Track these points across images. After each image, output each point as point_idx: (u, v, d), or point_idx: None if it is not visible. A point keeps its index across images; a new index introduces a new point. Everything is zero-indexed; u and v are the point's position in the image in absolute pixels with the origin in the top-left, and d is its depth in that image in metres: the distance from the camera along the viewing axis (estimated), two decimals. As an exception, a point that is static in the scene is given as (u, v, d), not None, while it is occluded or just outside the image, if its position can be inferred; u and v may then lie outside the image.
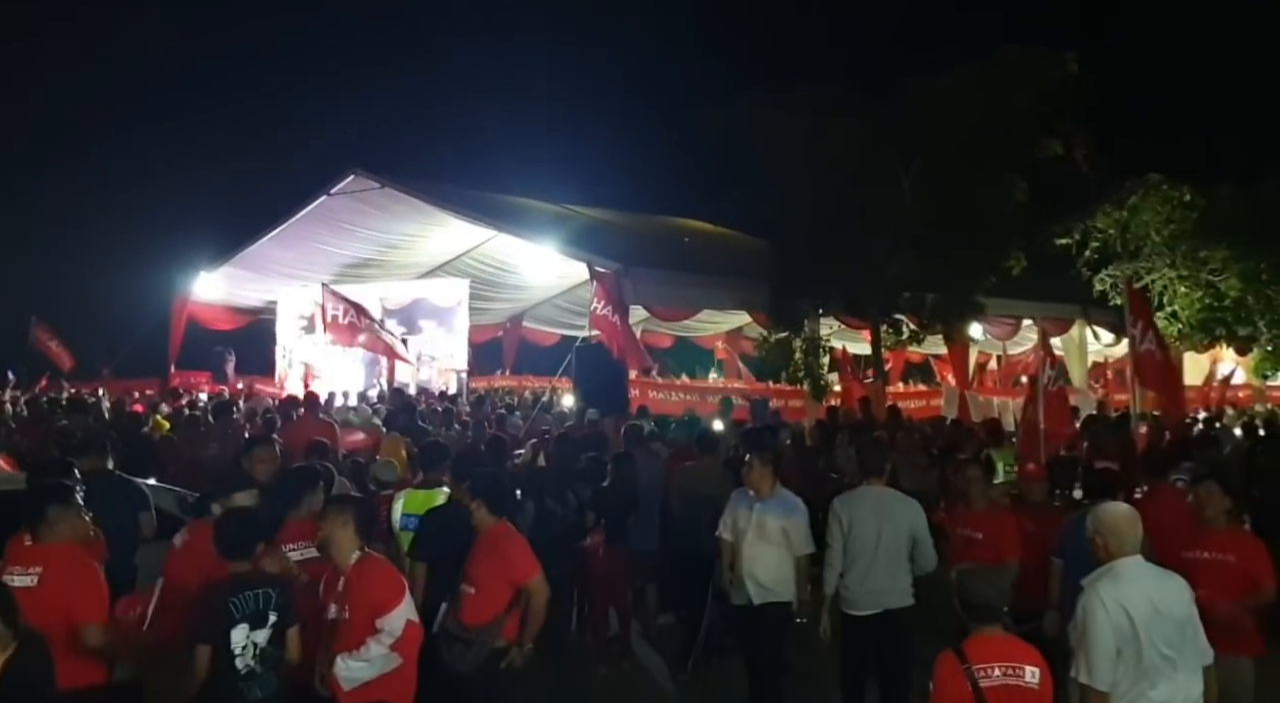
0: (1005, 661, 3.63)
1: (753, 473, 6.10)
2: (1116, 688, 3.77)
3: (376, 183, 16.18)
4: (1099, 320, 19.14)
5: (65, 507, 4.27)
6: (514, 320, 23.16)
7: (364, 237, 18.15)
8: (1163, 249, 17.27)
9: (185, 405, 13.87)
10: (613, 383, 12.94)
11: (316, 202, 16.89)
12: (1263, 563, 5.13)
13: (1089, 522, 4.11)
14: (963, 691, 3.56)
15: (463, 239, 18.58)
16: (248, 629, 4.02)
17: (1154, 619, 3.80)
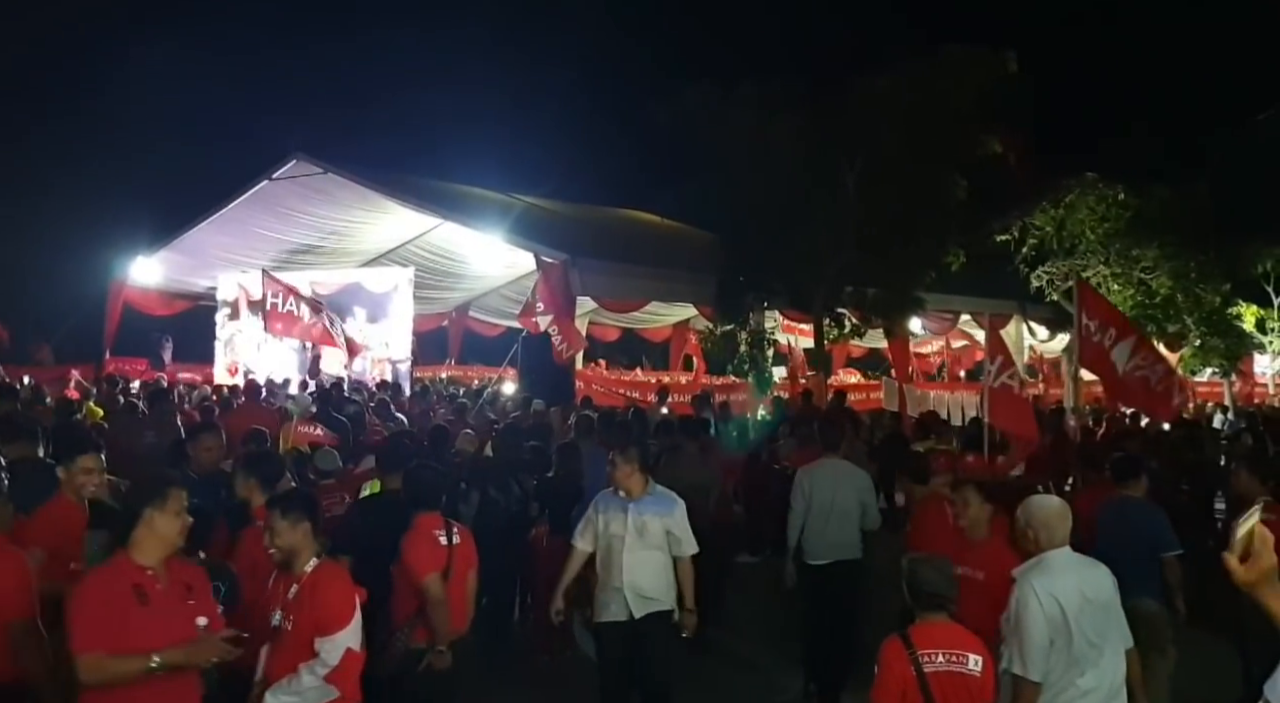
0: (949, 648, 3.71)
1: (619, 472, 5.51)
2: (1048, 678, 3.89)
3: (319, 168, 15.89)
4: (1035, 316, 19.63)
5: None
6: (460, 310, 22.93)
7: (306, 223, 17.83)
8: (1097, 247, 17.80)
9: (119, 392, 13.54)
10: (557, 373, 13.00)
11: (258, 186, 16.56)
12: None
13: (1019, 513, 4.23)
14: (906, 674, 3.64)
15: (408, 227, 18.34)
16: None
17: (1083, 608, 3.93)
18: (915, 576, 3.88)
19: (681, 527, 5.51)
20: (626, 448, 5.68)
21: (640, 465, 5.56)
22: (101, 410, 11.06)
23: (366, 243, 19.23)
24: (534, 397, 12.05)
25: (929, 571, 3.90)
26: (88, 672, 3.25)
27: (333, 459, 6.68)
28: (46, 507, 4.68)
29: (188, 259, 18.38)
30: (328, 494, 6.25)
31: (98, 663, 3.26)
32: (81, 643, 3.26)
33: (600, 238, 17.13)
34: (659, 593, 5.44)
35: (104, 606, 3.32)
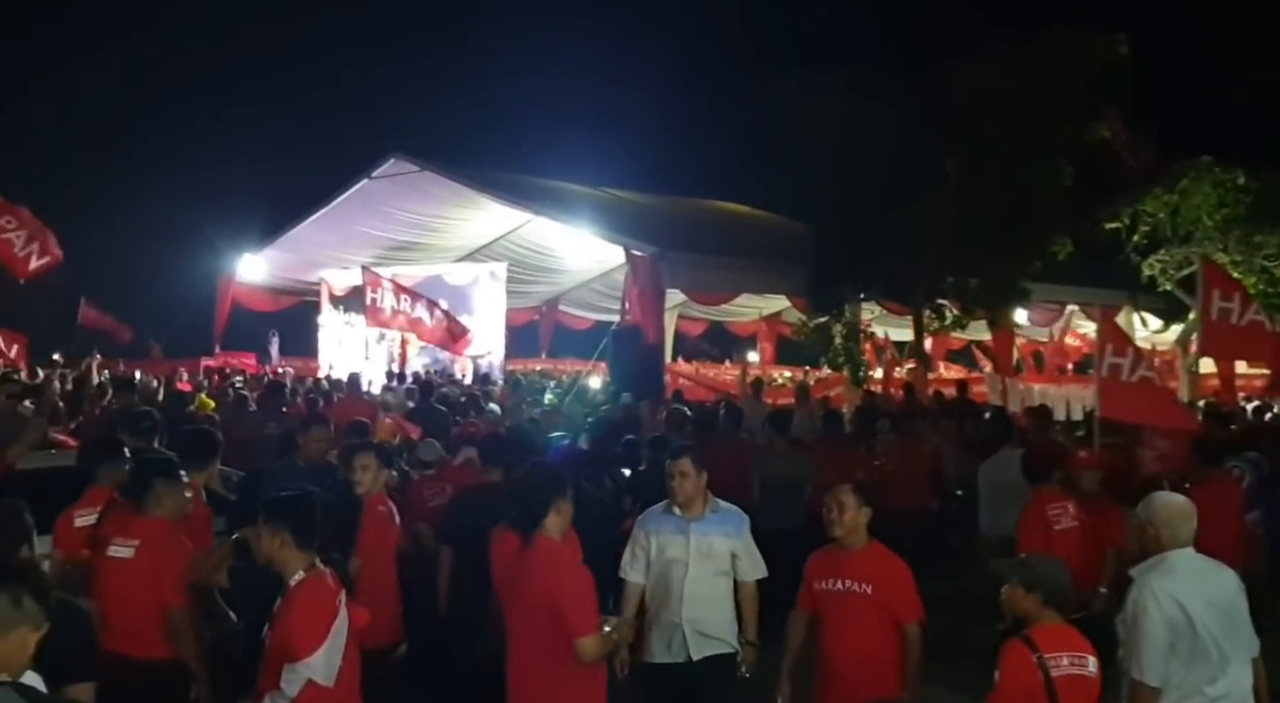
0: (1072, 650, 3.56)
1: (687, 482, 4.61)
2: (1169, 683, 3.69)
3: (416, 166, 16.28)
4: (1147, 306, 18.79)
5: (171, 482, 4.39)
6: (550, 304, 23.23)
7: (404, 220, 18.28)
8: (1215, 234, 16.89)
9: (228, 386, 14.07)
10: (648, 367, 12.97)
11: (358, 185, 17.04)
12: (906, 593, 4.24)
13: (1140, 510, 4.03)
14: (1033, 679, 3.47)
15: (501, 222, 18.65)
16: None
17: (1208, 611, 3.71)
18: (1043, 574, 3.70)
19: (749, 548, 4.74)
20: (688, 451, 4.88)
21: (705, 472, 4.77)
22: (213, 403, 11.50)
23: (461, 238, 19.61)
24: (623, 390, 12.06)
25: (1055, 569, 3.74)
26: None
27: (435, 450, 6.79)
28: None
29: (292, 256, 19.05)
30: (429, 485, 6.37)
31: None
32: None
33: (690, 230, 17.07)
34: (723, 630, 4.63)
35: None
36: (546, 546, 3.87)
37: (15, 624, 2.22)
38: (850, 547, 4.28)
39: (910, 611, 4.19)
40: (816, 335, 15.44)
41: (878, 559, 4.25)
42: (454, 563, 5.40)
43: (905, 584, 4.21)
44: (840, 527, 4.26)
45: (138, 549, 4.21)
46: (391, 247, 19.24)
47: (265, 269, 19.16)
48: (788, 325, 20.59)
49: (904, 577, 4.22)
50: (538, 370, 20.47)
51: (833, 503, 4.29)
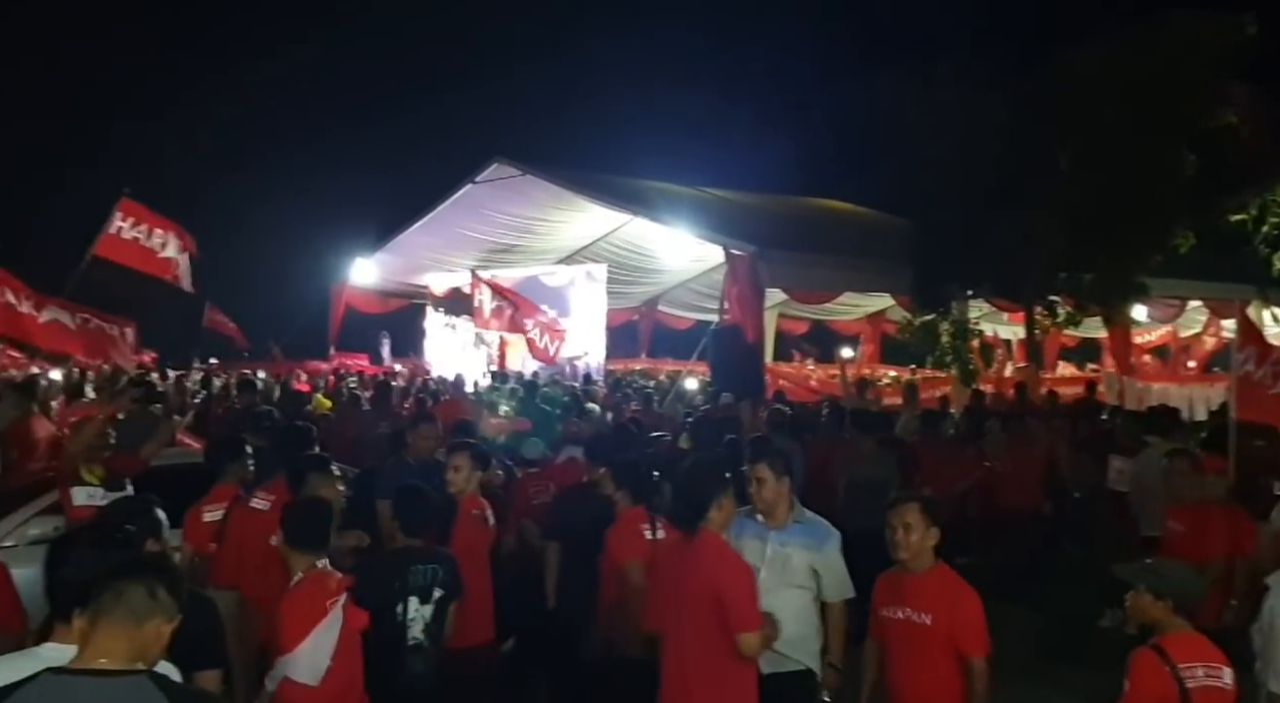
0: (1207, 661, 3.39)
1: (765, 489, 4.42)
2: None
3: (518, 170, 16.55)
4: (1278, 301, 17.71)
5: (325, 477, 4.62)
6: (649, 304, 23.32)
7: (505, 223, 18.62)
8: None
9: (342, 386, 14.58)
10: (748, 367, 12.88)
11: (462, 190, 17.43)
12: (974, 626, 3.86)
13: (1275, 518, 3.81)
14: (1168, 692, 3.32)
15: (600, 224, 18.80)
16: (418, 602, 4.11)
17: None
18: (1173, 580, 3.54)
19: (833, 566, 4.45)
20: (774, 458, 4.60)
21: (790, 478, 4.54)
22: (329, 403, 11.93)
23: (561, 240, 19.85)
24: (723, 390, 12.01)
25: (1186, 574, 3.58)
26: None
27: (539, 448, 6.89)
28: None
29: (400, 260, 19.65)
30: (534, 482, 6.46)
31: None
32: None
33: (790, 228, 16.89)
34: (798, 647, 4.35)
35: None
36: (710, 540, 3.82)
37: (151, 615, 2.32)
38: (914, 571, 3.92)
39: (974, 643, 3.79)
40: (922, 334, 15.08)
41: (942, 586, 3.88)
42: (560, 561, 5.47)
43: (970, 614, 3.82)
44: (905, 549, 3.90)
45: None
46: (493, 249, 19.62)
47: (376, 273, 19.80)
48: (892, 324, 20.18)
49: (969, 606, 3.83)
50: (637, 370, 20.58)
51: (897, 523, 3.90)
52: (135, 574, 2.36)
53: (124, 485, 5.34)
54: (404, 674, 4.06)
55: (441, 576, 4.20)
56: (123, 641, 2.28)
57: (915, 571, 3.92)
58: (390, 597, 4.09)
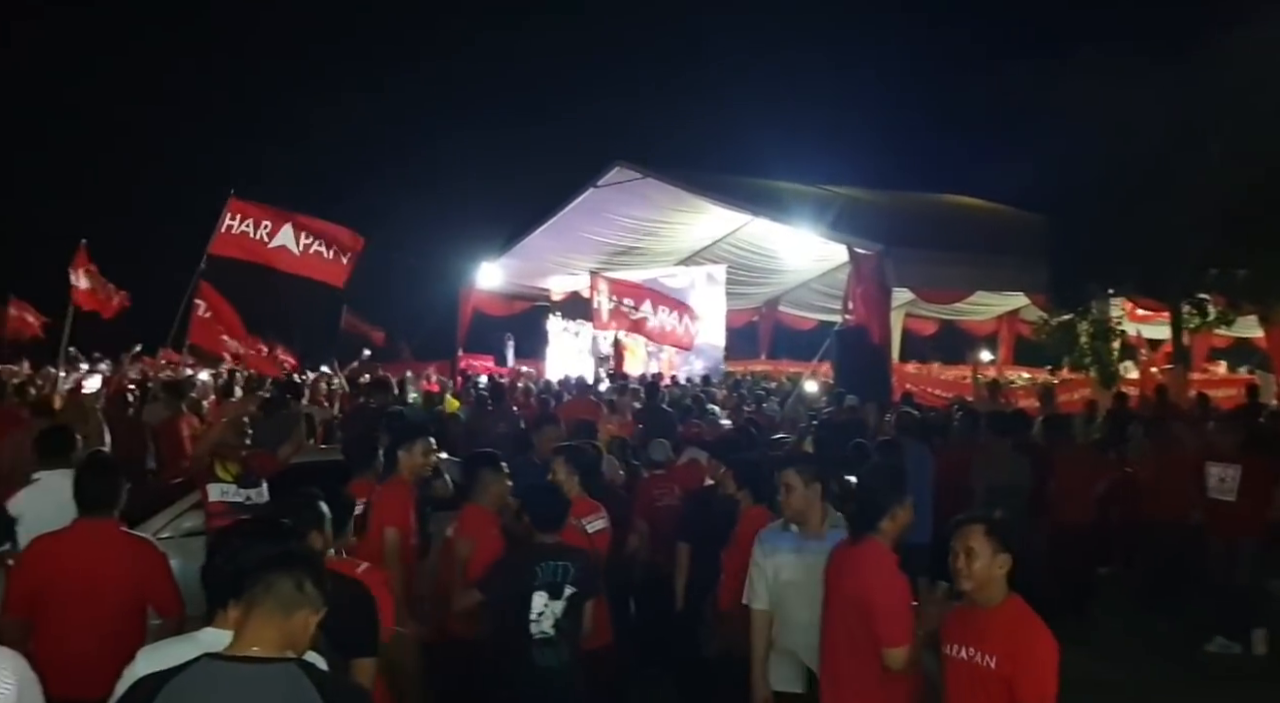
0: None
1: (792, 497, 4.13)
2: None
3: (638, 173, 16.67)
4: None
5: (496, 474, 4.79)
6: (770, 304, 23.12)
7: (626, 225, 18.80)
8: None
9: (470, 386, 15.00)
10: (874, 369, 12.60)
11: (584, 194, 17.68)
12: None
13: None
14: None
15: (721, 225, 18.78)
16: (546, 597, 4.16)
17: None
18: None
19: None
20: (805, 465, 4.24)
21: (823, 488, 4.20)
22: (457, 403, 12.28)
23: (681, 242, 19.91)
24: (847, 392, 11.79)
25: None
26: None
27: (664, 450, 6.90)
28: (387, 486, 5.20)
29: (524, 264, 20.09)
30: (658, 484, 6.47)
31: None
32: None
33: (917, 226, 16.45)
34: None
35: None
36: (873, 549, 3.73)
37: (299, 606, 2.42)
38: (982, 605, 3.40)
39: (1037, 694, 3.27)
40: (1059, 334, 14.43)
41: (1012, 625, 3.35)
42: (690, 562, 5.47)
43: (1039, 660, 3.30)
44: (969, 579, 3.37)
45: (456, 530, 4.69)
46: (613, 252, 19.84)
47: (501, 276, 20.31)
48: (1026, 324, 19.42)
49: (1040, 650, 3.32)
50: (757, 372, 20.44)
51: (959, 548, 3.38)
52: (284, 567, 2.46)
53: (258, 483, 5.60)
54: (533, 667, 4.13)
55: (573, 573, 4.22)
56: (273, 630, 2.39)
57: (983, 604, 3.39)
58: (518, 591, 4.17)
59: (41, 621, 3.82)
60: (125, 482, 4.19)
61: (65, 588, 3.85)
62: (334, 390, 12.49)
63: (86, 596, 3.85)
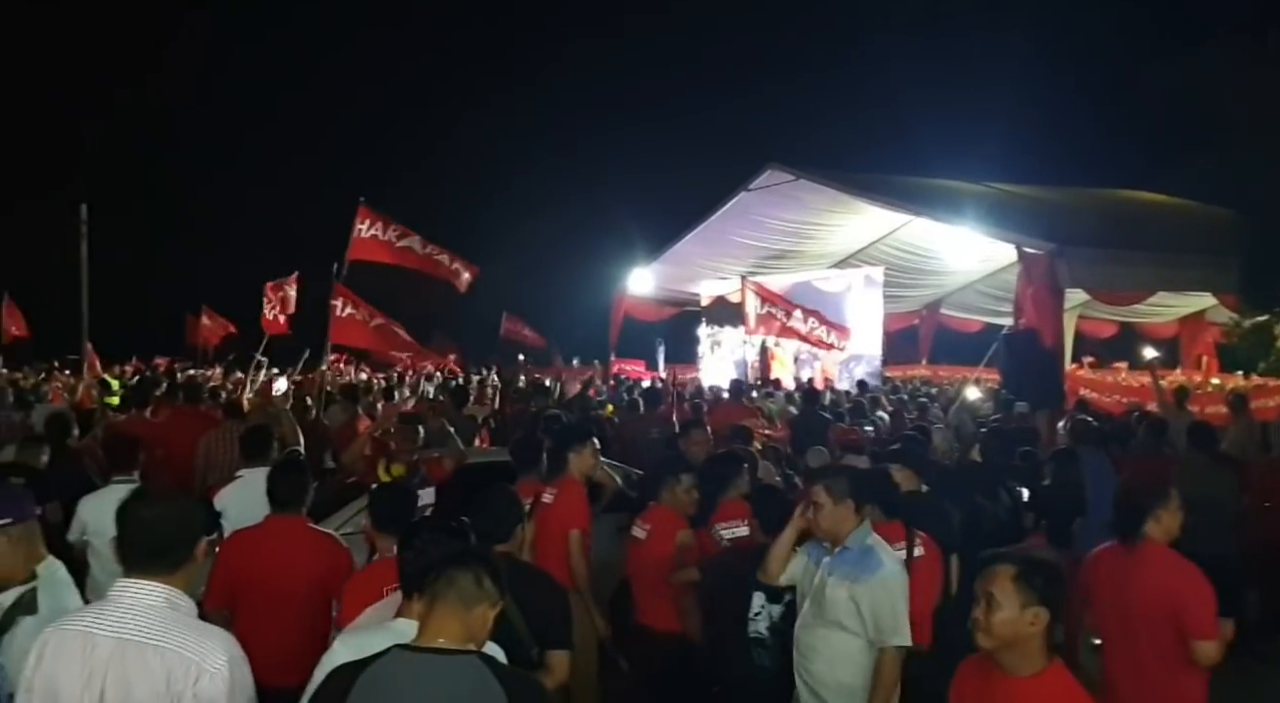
0: None
1: (822, 515, 3.90)
2: None
3: (791, 175, 16.45)
4: None
5: (676, 481, 4.96)
6: (930, 307, 22.43)
7: (778, 229, 18.60)
8: None
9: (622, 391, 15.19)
10: (1045, 374, 11.99)
11: (735, 198, 17.61)
12: None
13: None
14: None
15: (877, 226, 18.35)
16: (764, 599, 4.20)
17: None
18: None
19: (877, 601, 3.73)
20: (835, 477, 4.02)
21: (855, 500, 3.90)
22: (611, 407, 12.47)
23: (835, 244, 19.55)
24: (1017, 399, 11.26)
25: None
26: None
27: (822, 457, 6.79)
28: (565, 488, 5.32)
29: (674, 269, 20.18)
30: (815, 492, 6.35)
31: None
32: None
33: (1092, 223, 15.52)
34: (842, 697, 3.76)
35: None
36: (1157, 551, 3.77)
37: (478, 601, 2.53)
38: (1007, 670, 2.76)
39: None
40: (1253, 337, 13.34)
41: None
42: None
43: None
44: (989, 635, 2.76)
45: (650, 533, 4.88)
46: (765, 256, 19.68)
47: (652, 282, 20.49)
48: (1214, 326, 18.10)
49: None
50: (918, 378, 19.84)
51: (980, 593, 2.80)
52: (464, 564, 2.58)
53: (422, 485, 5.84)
54: (748, 666, 4.16)
55: None
56: (455, 623, 2.51)
57: (1009, 670, 2.75)
58: (736, 590, 4.20)
59: (239, 611, 4.09)
60: (313, 481, 4.46)
61: (259, 580, 4.12)
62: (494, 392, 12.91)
63: (278, 588, 4.10)
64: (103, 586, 4.80)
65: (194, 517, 2.62)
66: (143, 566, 2.51)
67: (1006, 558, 2.85)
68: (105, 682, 2.37)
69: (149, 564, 2.50)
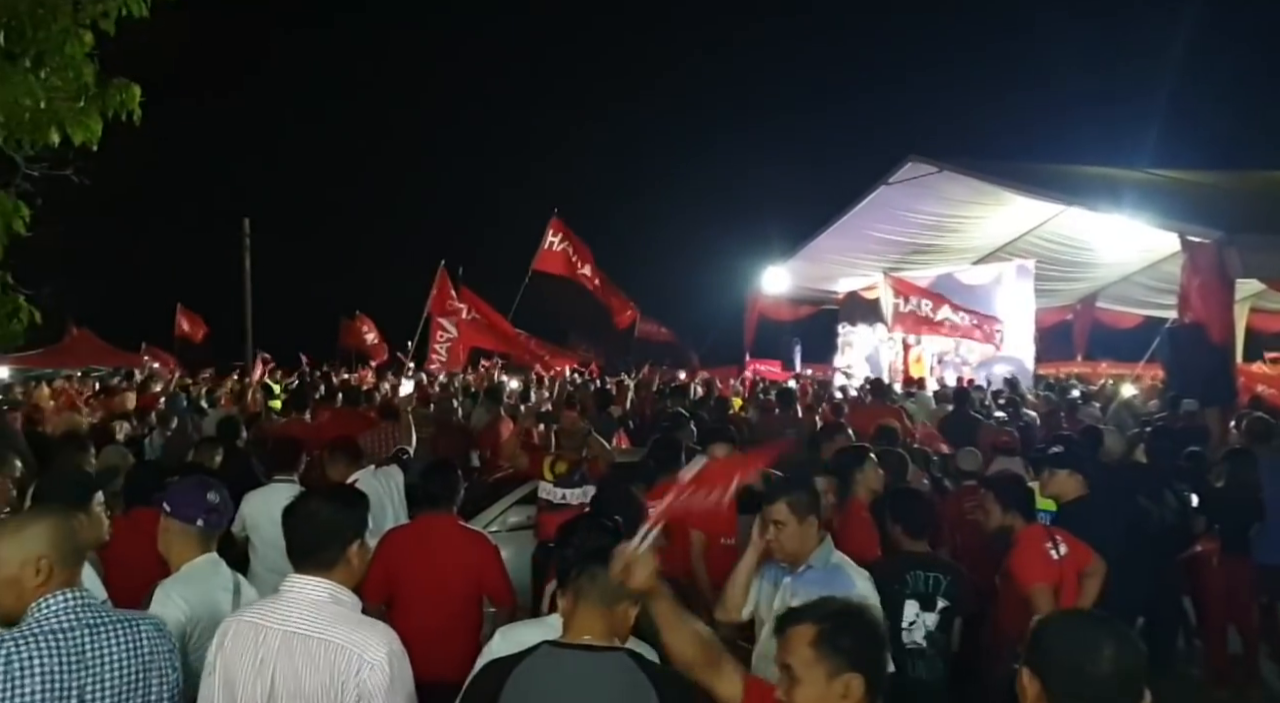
0: None
1: (784, 535, 3.56)
2: None
3: (934, 167, 15.97)
4: None
5: (871, 464, 4.97)
6: (1085, 301, 21.36)
7: (919, 223, 18.10)
8: None
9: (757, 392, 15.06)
10: (1214, 370, 11.22)
11: (874, 192, 17.23)
12: None
13: None
14: None
15: (1026, 218, 17.62)
16: (918, 607, 4.09)
17: None
18: None
19: None
20: (796, 491, 3.66)
21: (818, 516, 3.58)
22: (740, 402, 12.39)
23: (980, 238, 18.88)
24: (1184, 396, 10.58)
25: None
26: None
27: (975, 459, 6.56)
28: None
29: (810, 267, 19.90)
30: (969, 496, 6.13)
31: None
32: None
33: (1265, 208, 14.45)
34: None
35: None
36: None
37: (619, 599, 2.55)
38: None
39: None
40: None
41: None
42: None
43: None
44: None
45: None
46: (906, 251, 19.17)
47: (787, 281, 20.25)
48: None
49: None
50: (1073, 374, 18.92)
51: (778, 664, 2.29)
52: (604, 561, 2.59)
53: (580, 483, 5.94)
54: (904, 676, 4.06)
55: (945, 586, 4.10)
56: (599, 620, 2.54)
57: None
58: (889, 599, 4.12)
59: (395, 606, 4.25)
60: (462, 480, 4.60)
61: (412, 576, 4.26)
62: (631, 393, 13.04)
63: (430, 583, 4.24)
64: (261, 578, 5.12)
65: (343, 518, 2.72)
66: (303, 562, 2.66)
67: (803, 615, 2.27)
68: (275, 672, 2.52)
69: (308, 561, 2.66)
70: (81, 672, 2.33)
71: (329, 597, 2.61)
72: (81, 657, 2.34)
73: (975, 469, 6.47)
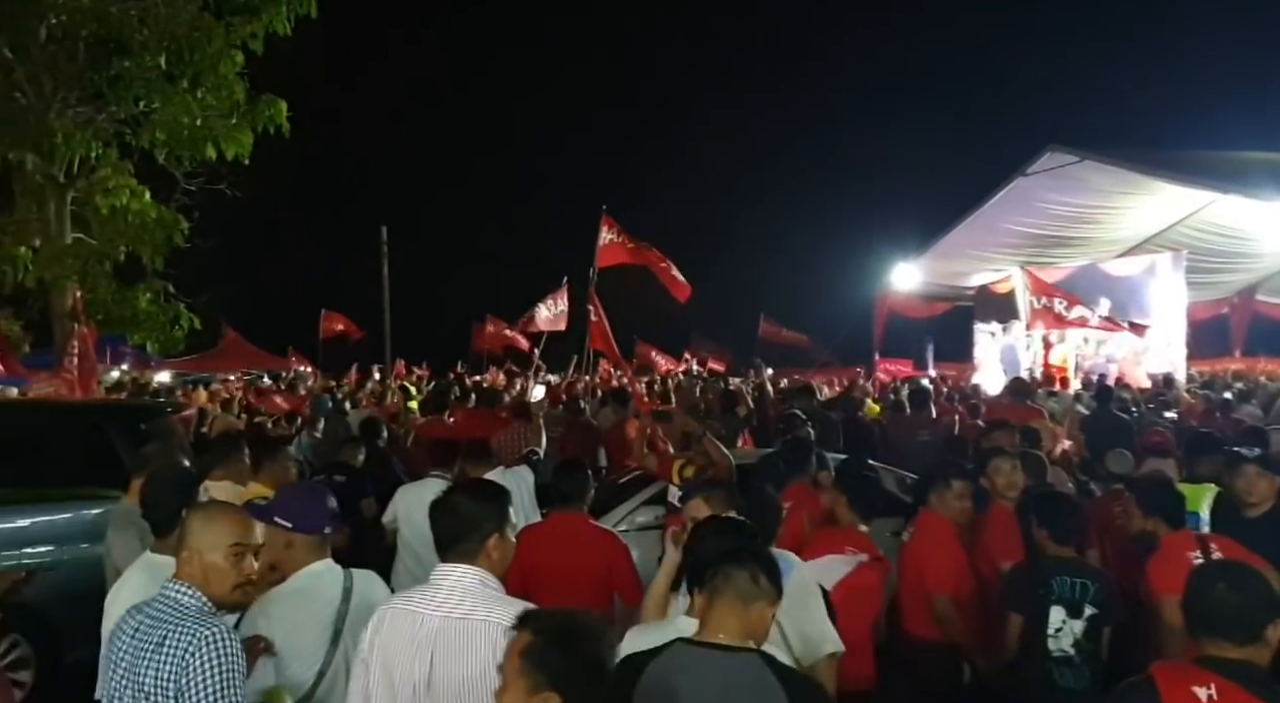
0: None
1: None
2: None
3: (1074, 157, 15.24)
4: None
5: (946, 487, 4.79)
6: (1243, 294, 20.03)
7: (1059, 214, 17.30)
8: None
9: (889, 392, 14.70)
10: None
11: (1011, 184, 16.58)
12: None
13: None
14: None
15: (1175, 207, 16.62)
16: (1064, 614, 3.99)
17: None
18: None
19: (797, 618, 3.18)
20: (714, 488, 3.62)
21: (739, 511, 3.39)
22: (878, 408, 12.11)
23: (1124, 229, 17.93)
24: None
25: None
26: None
27: (1125, 462, 6.22)
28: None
29: (943, 262, 19.27)
30: (1119, 501, 5.82)
31: None
32: None
33: None
34: None
35: None
36: None
37: (756, 599, 2.54)
38: None
39: None
40: None
41: None
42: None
43: None
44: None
45: (912, 539, 4.73)
46: (1045, 244, 18.36)
47: (918, 277, 19.68)
48: None
49: None
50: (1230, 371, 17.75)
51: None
52: (740, 561, 2.59)
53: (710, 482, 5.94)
54: (1052, 687, 3.93)
55: (1093, 593, 3.98)
56: (734, 619, 2.53)
57: None
58: (1034, 605, 3.98)
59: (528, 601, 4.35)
60: (592, 480, 4.66)
61: (544, 573, 4.35)
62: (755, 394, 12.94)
63: (562, 579, 4.31)
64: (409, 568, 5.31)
65: (483, 511, 2.80)
66: (448, 553, 2.77)
67: (528, 621, 2.19)
68: (433, 655, 2.61)
69: (451, 552, 2.76)
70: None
71: (479, 581, 2.70)
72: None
73: (1126, 472, 6.12)
